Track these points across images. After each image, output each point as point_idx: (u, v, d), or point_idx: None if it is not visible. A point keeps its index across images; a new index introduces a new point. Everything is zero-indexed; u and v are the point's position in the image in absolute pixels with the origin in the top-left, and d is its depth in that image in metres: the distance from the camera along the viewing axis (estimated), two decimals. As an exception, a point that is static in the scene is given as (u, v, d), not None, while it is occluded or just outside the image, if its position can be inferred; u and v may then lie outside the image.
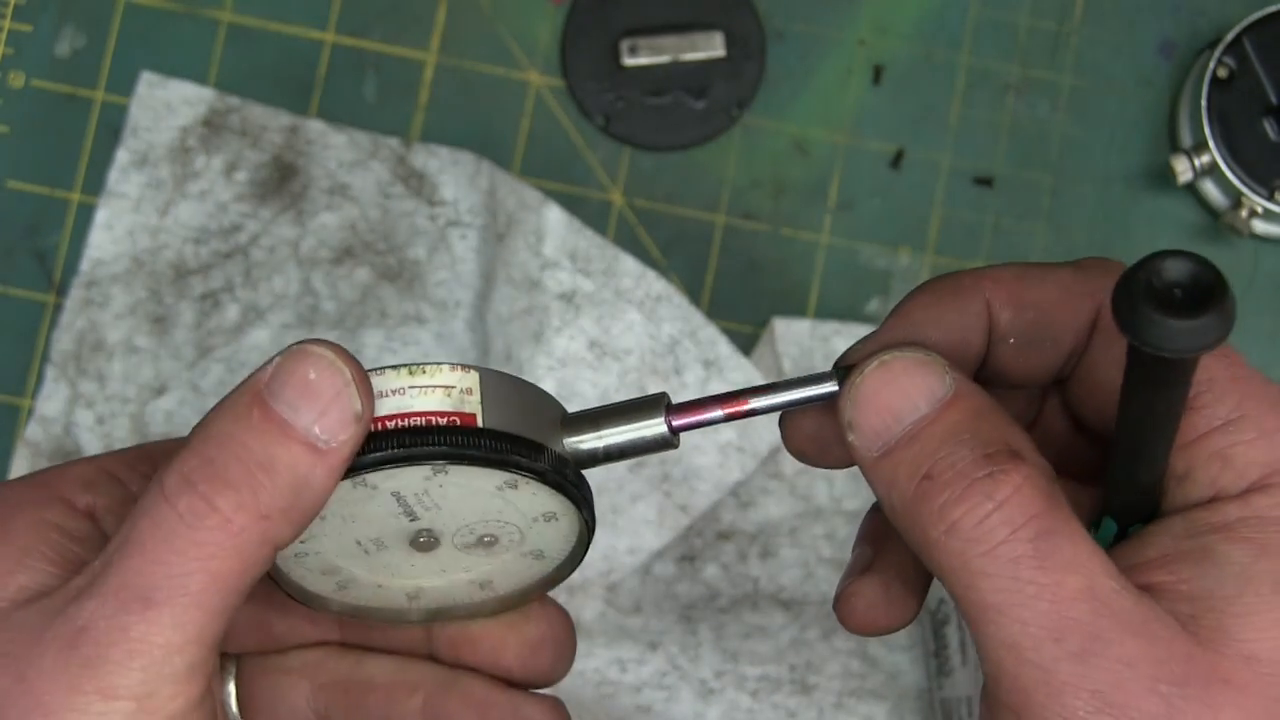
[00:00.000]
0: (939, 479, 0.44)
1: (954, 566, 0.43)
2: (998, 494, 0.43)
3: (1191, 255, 0.39)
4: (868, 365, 0.46)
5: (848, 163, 0.86)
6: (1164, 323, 0.38)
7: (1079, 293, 0.48)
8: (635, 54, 0.85)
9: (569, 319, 0.82)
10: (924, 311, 0.49)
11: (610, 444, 0.48)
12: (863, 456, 0.46)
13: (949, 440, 0.44)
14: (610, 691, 0.81)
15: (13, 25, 0.85)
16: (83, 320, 0.83)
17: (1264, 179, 0.82)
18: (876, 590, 0.50)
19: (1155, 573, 0.44)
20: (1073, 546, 0.43)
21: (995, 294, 0.48)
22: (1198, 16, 0.86)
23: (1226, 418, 0.46)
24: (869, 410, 0.45)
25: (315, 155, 0.84)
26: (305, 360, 0.44)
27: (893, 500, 0.45)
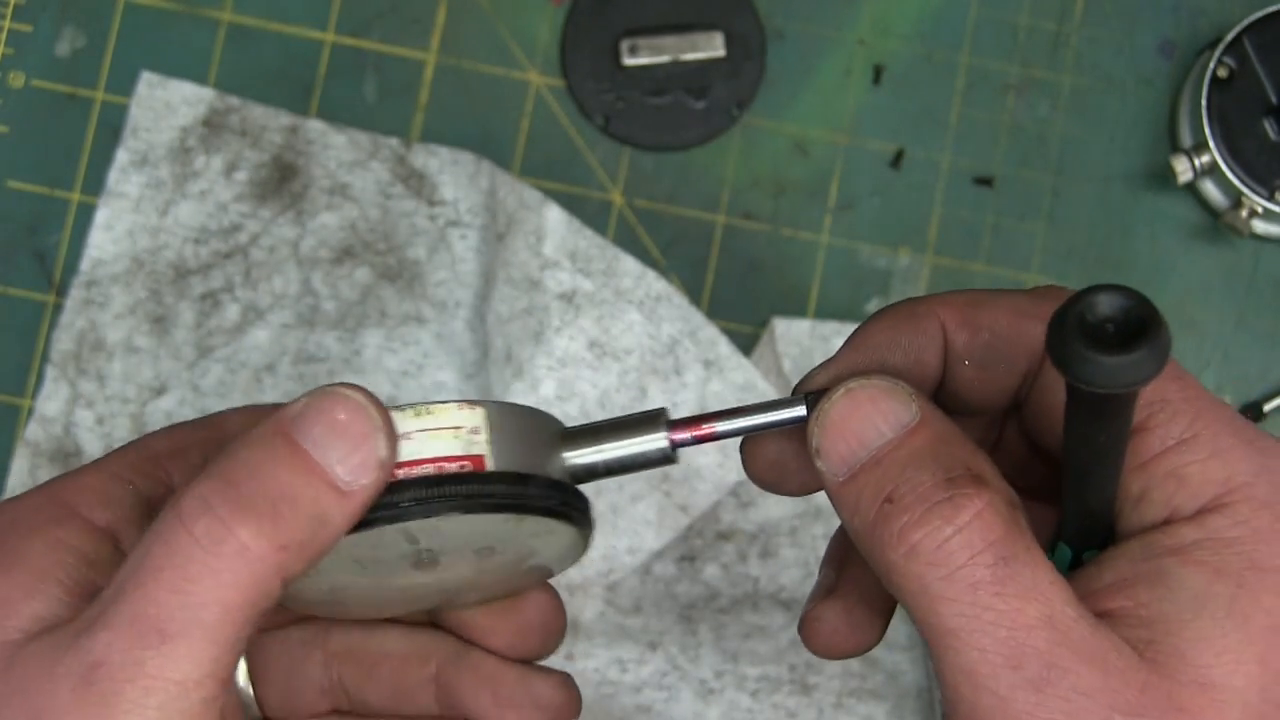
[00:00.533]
0: (900, 502, 0.44)
1: (913, 590, 0.43)
2: (958, 518, 0.43)
3: (1123, 289, 0.39)
4: (835, 392, 0.46)
5: (848, 163, 0.86)
6: (1096, 359, 0.38)
7: (1031, 315, 0.48)
8: (635, 54, 0.85)
9: (569, 319, 0.82)
10: (881, 336, 0.49)
11: (610, 459, 0.49)
12: (829, 481, 0.46)
13: (911, 464, 0.45)
14: (610, 691, 0.81)
15: (13, 25, 0.85)
16: (83, 320, 0.83)
17: (1264, 179, 0.82)
18: (839, 614, 0.51)
19: (1112, 598, 0.44)
20: (1032, 573, 0.43)
21: (949, 317, 0.49)
22: (1198, 16, 0.86)
23: (1180, 437, 0.46)
24: (836, 436, 0.46)
25: (315, 155, 0.84)
26: (336, 401, 0.44)
27: (855, 524, 0.45)
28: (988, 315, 0.49)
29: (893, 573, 0.44)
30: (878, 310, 0.50)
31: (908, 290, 0.85)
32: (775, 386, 0.83)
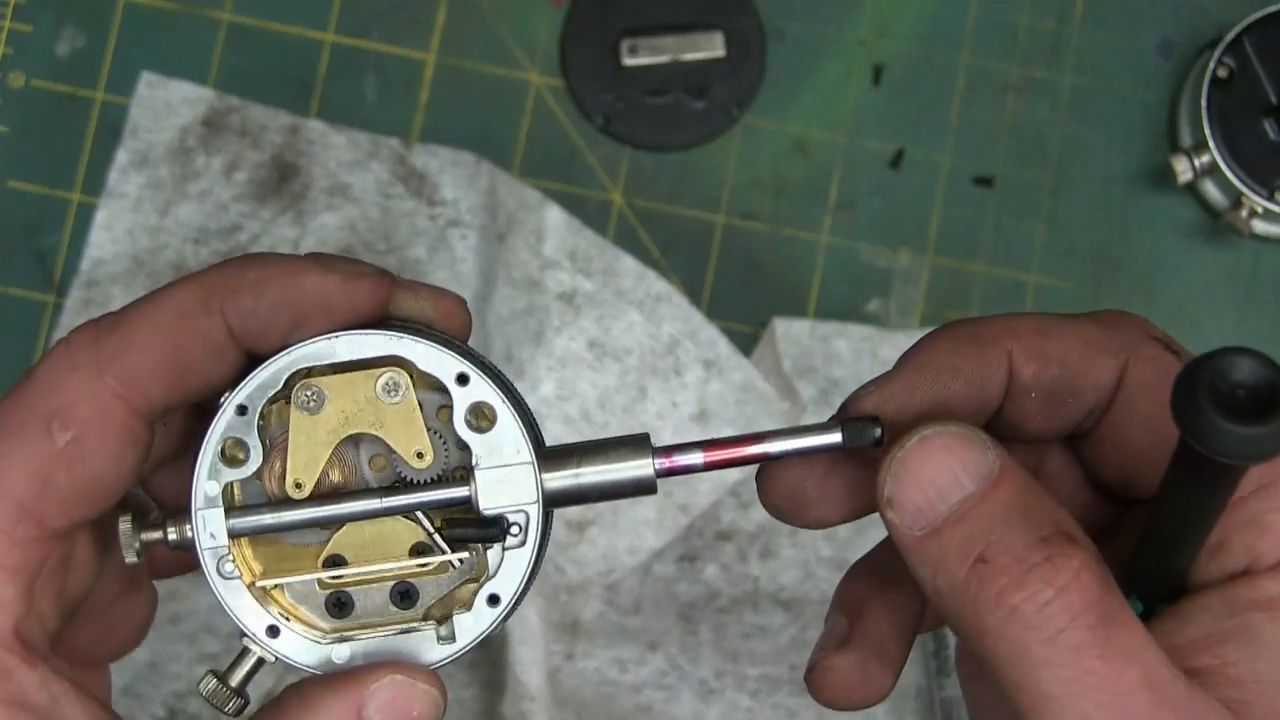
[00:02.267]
0: (995, 563, 0.43)
1: (1012, 654, 0.42)
2: (1058, 580, 0.42)
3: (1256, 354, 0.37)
4: (909, 439, 0.44)
5: (848, 163, 0.86)
6: (1228, 430, 0.36)
7: (1103, 349, 0.47)
8: (635, 54, 0.85)
9: (569, 319, 0.82)
10: (943, 359, 0.47)
11: (588, 483, 0.47)
12: (903, 535, 0.44)
13: (1001, 521, 0.43)
14: (610, 691, 0.81)
15: (13, 25, 0.85)
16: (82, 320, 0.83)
17: (1264, 179, 0.82)
18: (853, 666, 0.49)
19: (1198, 655, 0.43)
20: (1130, 635, 0.42)
21: (1018, 347, 0.47)
22: (1198, 16, 0.86)
23: (1259, 483, 0.44)
24: (912, 486, 0.44)
25: (315, 155, 0.84)
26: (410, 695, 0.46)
27: (939, 582, 0.44)
28: (1057, 346, 0.47)
29: (986, 635, 0.43)
30: (935, 330, 0.48)
31: (908, 290, 0.85)
32: (775, 386, 0.83)
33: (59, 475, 0.44)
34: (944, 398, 0.46)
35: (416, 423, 0.46)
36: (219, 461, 0.46)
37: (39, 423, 0.44)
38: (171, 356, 0.45)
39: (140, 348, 0.45)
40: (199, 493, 0.46)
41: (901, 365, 0.47)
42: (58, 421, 0.44)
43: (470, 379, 0.46)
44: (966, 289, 0.85)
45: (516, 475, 0.46)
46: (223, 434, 0.46)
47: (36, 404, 0.45)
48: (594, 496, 0.47)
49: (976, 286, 0.85)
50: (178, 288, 0.46)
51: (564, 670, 0.81)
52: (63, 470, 0.44)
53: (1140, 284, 0.85)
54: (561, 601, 0.81)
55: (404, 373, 0.46)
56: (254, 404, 0.46)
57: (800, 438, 0.46)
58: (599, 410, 0.82)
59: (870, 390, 0.47)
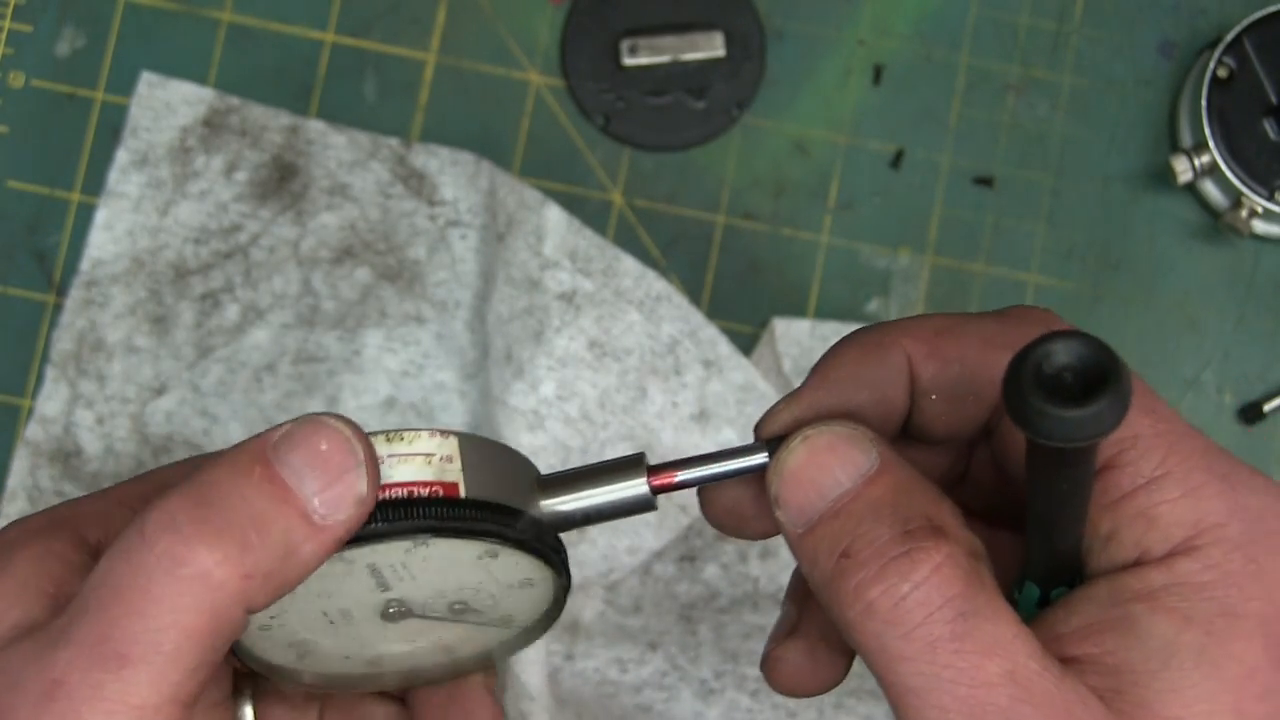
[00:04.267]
0: (856, 557, 0.43)
1: (872, 647, 0.42)
2: (915, 574, 0.42)
3: (1081, 336, 0.37)
4: (793, 440, 0.45)
5: (848, 163, 0.86)
6: (1053, 414, 0.37)
7: (1000, 345, 0.47)
8: (635, 54, 0.85)
9: (569, 319, 0.82)
10: (845, 370, 0.47)
11: (588, 506, 0.47)
12: (789, 532, 0.45)
13: (869, 516, 0.43)
14: (610, 691, 0.81)
15: (13, 25, 0.85)
16: (83, 320, 0.83)
17: (1264, 179, 0.82)
18: (801, 654, 0.49)
19: (1079, 644, 0.43)
20: (994, 627, 0.42)
21: (915, 349, 0.47)
22: (1198, 16, 0.86)
23: (1150, 475, 0.44)
24: (794, 485, 0.45)
25: (315, 155, 0.84)
26: (319, 430, 0.43)
27: (815, 577, 0.44)
28: (955, 346, 0.47)
29: (850, 629, 0.43)
30: (840, 340, 0.48)
31: (908, 290, 0.85)
32: (775, 386, 0.83)
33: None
34: (850, 407, 0.46)
35: None
36: None
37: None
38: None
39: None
40: None
41: (808, 379, 0.47)
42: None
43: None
44: (966, 289, 0.85)
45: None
46: None
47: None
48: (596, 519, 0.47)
49: (976, 286, 0.85)
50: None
51: (564, 670, 0.81)
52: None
53: (1140, 284, 0.85)
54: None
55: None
56: None
57: (728, 461, 0.47)
58: (599, 410, 0.82)
59: (780, 408, 0.47)
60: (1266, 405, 0.84)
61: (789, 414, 0.47)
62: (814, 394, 0.47)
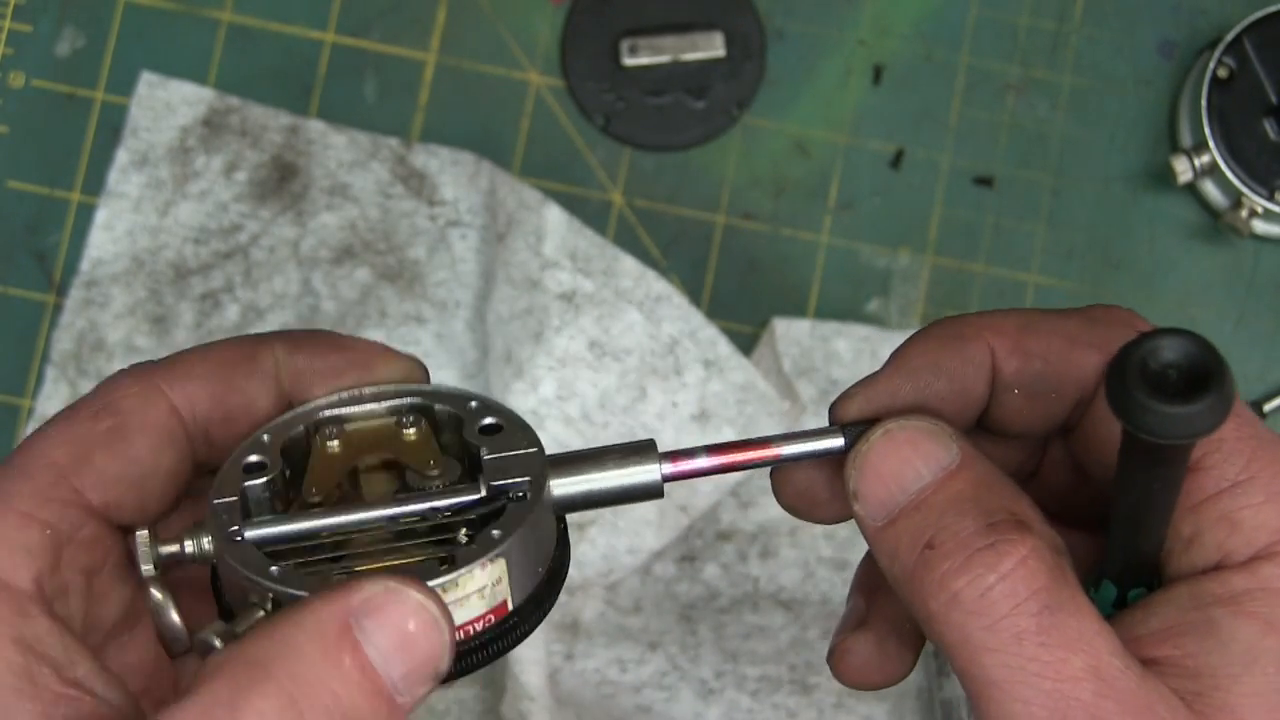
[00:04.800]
0: (941, 548, 0.43)
1: (955, 640, 0.43)
2: (1001, 566, 0.42)
3: (1188, 334, 0.38)
4: (873, 433, 0.45)
5: (848, 163, 0.86)
6: (1158, 409, 0.37)
7: (1085, 343, 0.47)
8: (635, 54, 0.85)
9: (569, 319, 0.82)
10: (925, 358, 0.47)
11: (596, 489, 0.47)
12: (867, 525, 0.45)
13: (952, 509, 0.44)
14: (610, 691, 0.81)
15: (13, 25, 0.85)
16: (83, 320, 0.83)
17: (1264, 179, 0.82)
18: (870, 646, 0.50)
19: (1160, 646, 0.43)
20: (1078, 623, 0.42)
21: (1000, 343, 0.47)
22: (1198, 16, 0.86)
23: (1234, 479, 0.44)
24: (874, 479, 0.45)
25: (315, 155, 0.84)
26: (405, 607, 0.41)
27: (894, 570, 0.44)
28: (1040, 341, 0.47)
29: (933, 621, 0.43)
30: (919, 331, 0.48)
31: (908, 290, 0.85)
32: (775, 386, 0.83)
33: (96, 453, 0.46)
34: (927, 397, 0.47)
35: (430, 446, 0.48)
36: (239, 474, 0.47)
37: (85, 411, 0.47)
38: (219, 373, 0.47)
39: (189, 361, 0.48)
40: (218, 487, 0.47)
41: (885, 366, 0.47)
42: (102, 411, 0.47)
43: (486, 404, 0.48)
44: (966, 289, 0.85)
45: (523, 460, 0.47)
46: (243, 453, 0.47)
47: (91, 401, 0.47)
48: (602, 501, 0.47)
49: (976, 286, 0.85)
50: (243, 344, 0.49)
51: (564, 670, 0.81)
52: (101, 449, 0.46)
53: (1140, 284, 0.85)
54: (561, 602, 0.81)
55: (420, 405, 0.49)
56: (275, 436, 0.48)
57: (804, 442, 0.47)
58: (599, 410, 0.82)
59: (856, 393, 0.47)
60: (1266, 405, 0.84)
61: (864, 399, 0.47)
62: (891, 380, 0.47)
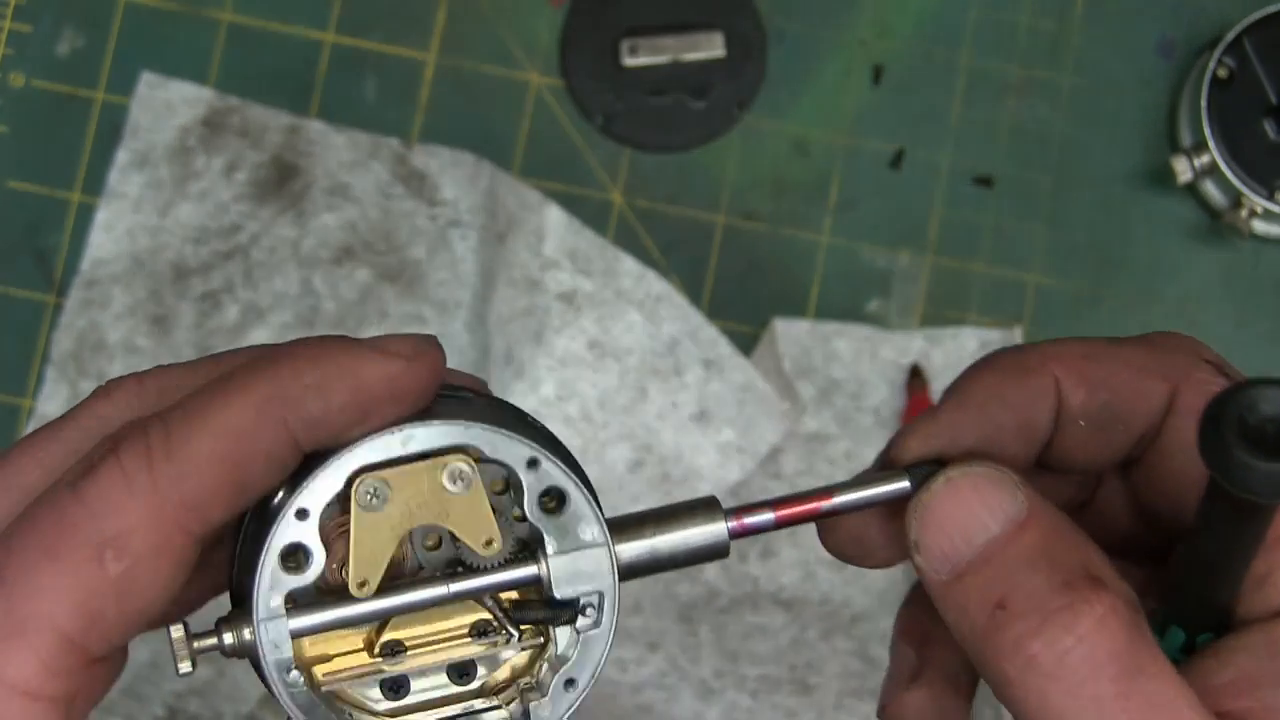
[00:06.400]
0: (1014, 609, 0.41)
1: (1032, 705, 0.41)
2: (1079, 627, 0.40)
3: None
4: (934, 481, 0.43)
5: (848, 163, 0.86)
6: (1259, 467, 0.35)
7: (1152, 373, 0.45)
8: (635, 54, 0.85)
9: (569, 319, 0.82)
10: (989, 391, 0.45)
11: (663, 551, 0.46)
12: (930, 579, 0.43)
13: (1023, 565, 0.42)
14: (610, 691, 0.81)
15: (13, 25, 0.85)
16: (83, 320, 0.83)
17: (1264, 179, 0.82)
18: (926, 703, 0.48)
19: (1237, 698, 0.42)
20: (1159, 685, 0.40)
21: (1065, 373, 0.45)
22: (1198, 16, 0.86)
23: None
24: (937, 531, 0.43)
25: (315, 155, 0.84)
26: None
27: (963, 629, 0.43)
28: (1105, 371, 0.45)
29: (1008, 685, 0.41)
30: (978, 361, 0.46)
31: (908, 290, 0.85)
32: (775, 386, 0.83)
33: (108, 607, 0.42)
34: (991, 432, 0.45)
35: (485, 512, 0.44)
36: (279, 570, 0.43)
37: (89, 550, 0.41)
38: (233, 478, 0.42)
39: (200, 472, 0.42)
40: (259, 604, 0.43)
41: (946, 400, 0.46)
42: (111, 551, 0.41)
43: (540, 463, 0.44)
44: (966, 289, 0.85)
45: (591, 557, 0.45)
46: (282, 539, 0.43)
47: (87, 529, 0.41)
48: (669, 564, 0.46)
49: (976, 286, 0.85)
50: (233, 397, 0.42)
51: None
52: (113, 603, 0.42)
53: (1140, 284, 0.85)
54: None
55: (469, 460, 0.44)
56: (314, 506, 0.43)
57: (868, 488, 0.45)
58: (599, 410, 0.82)
59: (916, 430, 0.45)
60: (1266, 405, 0.84)
61: (925, 437, 0.45)
62: (953, 415, 0.45)
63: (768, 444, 0.82)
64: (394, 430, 0.43)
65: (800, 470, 0.83)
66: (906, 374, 0.83)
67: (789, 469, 0.83)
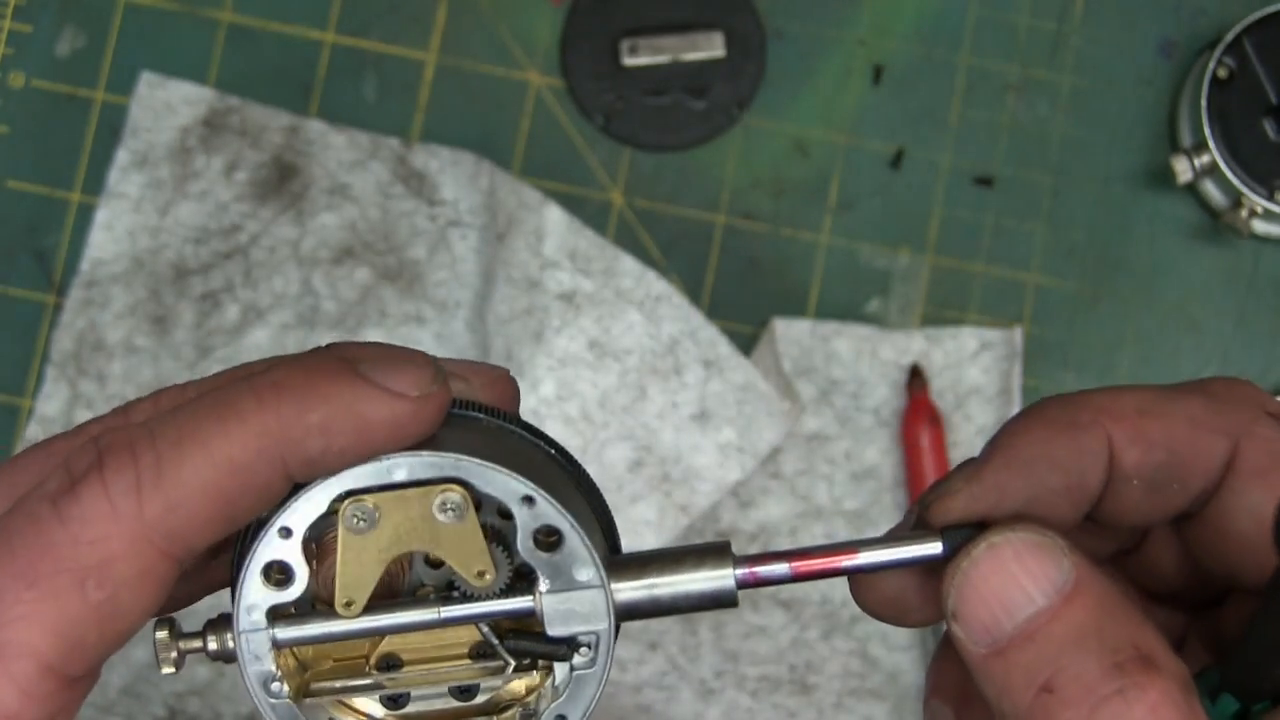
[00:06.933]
0: (1061, 693, 0.39)
1: None
2: (1132, 715, 0.38)
3: None
4: (975, 547, 0.41)
5: (848, 163, 0.86)
6: None
7: (1212, 429, 0.43)
8: (635, 54, 0.85)
9: (569, 319, 0.82)
10: (1035, 448, 0.42)
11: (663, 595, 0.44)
12: (969, 651, 0.41)
13: (1071, 645, 0.39)
14: (610, 691, 0.81)
15: (13, 25, 0.85)
16: (83, 320, 0.83)
17: (1264, 179, 0.82)
18: None
19: None
20: None
21: (1118, 430, 0.42)
22: (1198, 16, 0.86)
23: None
24: (976, 602, 0.40)
25: (315, 155, 0.84)
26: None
27: (1004, 707, 0.40)
28: (1162, 428, 0.43)
29: None
30: (1025, 413, 0.44)
31: (908, 290, 0.85)
32: (775, 386, 0.83)
33: (89, 633, 0.40)
34: (1039, 493, 0.42)
35: (477, 543, 0.43)
36: (261, 584, 0.43)
37: (70, 576, 0.40)
38: (222, 511, 0.41)
39: (189, 503, 0.40)
40: (239, 618, 0.43)
41: (990, 456, 0.43)
42: (93, 580, 0.40)
43: (536, 501, 0.43)
44: (966, 289, 0.85)
45: (586, 599, 0.43)
46: (264, 556, 0.43)
47: (68, 555, 0.40)
48: (668, 610, 0.44)
49: (976, 286, 0.85)
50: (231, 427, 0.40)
51: (564, 670, 0.81)
52: (94, 629, 0.40)
53: (1140, 284, 0.85)
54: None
55: (462, 491, 0.43)
56: (298, 526, 0.42)
57: (897, 548, 0.43)
58: (599, 410, 0.82)
59: (958, 489, 0.43)
60: (1266, 405, 0.84)
61: (969, 497, 0.42)
62: (999, 475, 0.42)
63: (768, 444, 0.82)
64: (382, 459, 0.42)
65: (800, 470, 0.83)
66: (906, 374, 0.83)
67: (789, 469, 0.83)
